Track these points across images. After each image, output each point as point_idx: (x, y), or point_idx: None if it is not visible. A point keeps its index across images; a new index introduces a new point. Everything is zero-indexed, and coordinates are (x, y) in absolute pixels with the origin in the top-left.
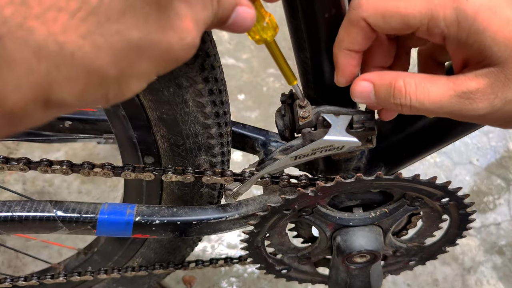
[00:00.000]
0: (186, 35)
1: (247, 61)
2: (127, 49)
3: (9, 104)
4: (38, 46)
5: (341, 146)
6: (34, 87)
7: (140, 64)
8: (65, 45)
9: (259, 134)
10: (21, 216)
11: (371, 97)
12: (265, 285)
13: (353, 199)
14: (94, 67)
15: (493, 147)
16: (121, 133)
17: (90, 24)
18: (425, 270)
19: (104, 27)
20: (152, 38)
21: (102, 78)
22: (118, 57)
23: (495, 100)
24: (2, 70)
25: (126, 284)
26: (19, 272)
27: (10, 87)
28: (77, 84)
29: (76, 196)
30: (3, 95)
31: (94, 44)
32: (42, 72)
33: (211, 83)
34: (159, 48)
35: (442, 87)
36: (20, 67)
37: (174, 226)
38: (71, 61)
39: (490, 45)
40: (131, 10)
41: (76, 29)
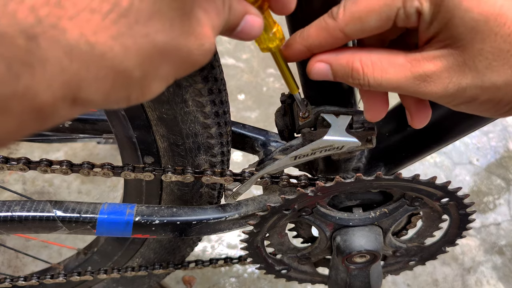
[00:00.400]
0: (205, 41)
1: (247, 61)
2: (153, 52)
3: (39, 101)
4: (70, 46)
5: (341, 146)
6: (64, 85)
7: (163, 67)
8: (96, 46)
9: (259, 134)
10: (21, 216)
11: (329, 76)
12: (265, 285)
13: (352, 199)
14: (121, 68)
15: (493, 147)
16: (121, 133)
17: (120, 26)
18: (425, 270)
19: (133, 30)
20: (175, 42)
21: (128, 79)
22: (144, 60)
23: (449, 85)
24: (36, 68)
25: (126, 284)
26: (19, 272)
27: (42, 85)
28: (104, 84)
29: (76, 196)
30: (35, 92)
31: (123, 46)
32: (73, 71)
33: (210, 83)
34: (181, 52)
35: (399, 68)
36: (52, 65)
37: (174, 226)
38: (101, 61)
39: (457, 25)
40: (158, 14)
41: (107, 30)
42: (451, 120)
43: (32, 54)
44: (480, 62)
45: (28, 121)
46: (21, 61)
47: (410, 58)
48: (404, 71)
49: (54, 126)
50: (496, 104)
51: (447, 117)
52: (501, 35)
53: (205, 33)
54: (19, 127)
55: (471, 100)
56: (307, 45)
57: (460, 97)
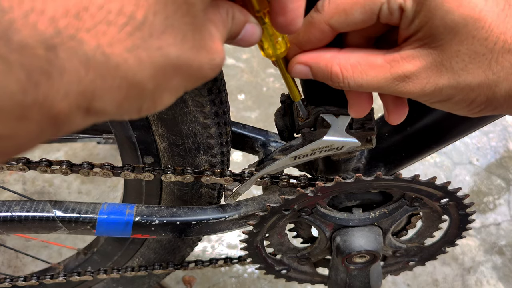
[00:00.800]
0: (216, 56)
1: (247, 61)
2: (166, 65)
3: (55, 110)
4: (87, 56)
5: (341, 147)
6: (80, 94)
7: (174, 80)
8: (111, 57)
9: (258, 134)
10: (21, 216)
11: (309, 76)
12: (264, 285)
13: (352, 199)
14: (135, 80)
15: (493, 147)
16: (121, 133)
17: (135, 38)
18: (425, 270)
19: (148, 43)
20: (187, 56)
21: (141, 90)
22: (157, 72)
23: (427, 85)
24: (54, 78)
25: (126, 284)
26: (19, 272)
27: (59, 94)
28: (118, 95)
29: (76, 196)
30: (51, 101)
31: (137, 58)
32: (88, 81)
33: (210, 83)
34: (192, 66)
35: (379, 69)
36: (70, 75)
37: (174, 226)
38: (116, 73)
39: (437, 25)
40: (171, 28)
41: (123, 42)
42: (451, 121)
43: (50, 64)
44: (457, 64)
45: (46, 128)
46: (41, 70)
47: (389, 59)
48: (384, 72)
49: (68, 134)
50: (469, 104)
51: (447, 117)
52: (478, 38)
53: (216, 48)
54: (38, 134)
55: (446, 99)
56: (297, 42)
57: (436, 96)
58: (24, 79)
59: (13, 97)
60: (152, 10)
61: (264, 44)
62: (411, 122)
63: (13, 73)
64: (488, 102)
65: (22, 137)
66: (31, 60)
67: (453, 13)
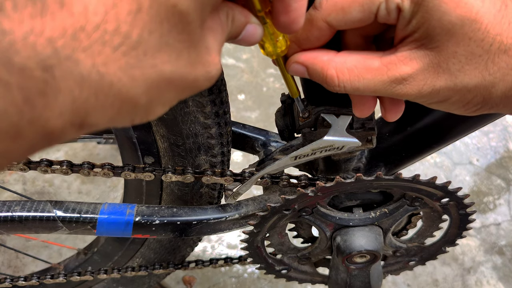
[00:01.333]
0: (212, 68)
1: (247, 61)
2: (159, 81)
3: (49, 128)
4: (82, 76)
5: (341, 146)
6: (74, 112)
7: (168, 94)
8: (105, 76)
9: (259, 134)
10: (21, 216)
11: (305, 76)
12: (265, 285)
13: (353, 199)
14: (128, 97)
15: (493, 147)
16: (121, 133)
17: (130, 58)
18: (425, 270)
19: (142, 61)
20: (182, 71)
21: (134, 105)
22: (151, 88)
23: (424, 86)
24: (49, 98)
25: (126, 284)
26: (19, 272)
27: (54, 113)
28: (111, 111)
29: (76, 196)
30: (46, 120)
31: (131, 76)
32: (82, 100)
33: None
34: (187, 80)
35: (376, 72)
36: (64, 95)
37: (174, 226)
38: (109, 91)
39: (434, 26)
40: (166, 46)
41: (117, 62)
42: (451, 121)
43: (47, 85)
44: (454, 65)
45: (38, 144)
46: (37, 91)
47: (386, 61)
48: (381, 75)
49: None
50: (465, 105)
51: (447, 117)
52: (474, 39)
53: (212, 61)
54: (30, 149)
55: (443, 100)
56: (295, 40)
57: (433, 97)
58: (21, 100)
59: (9, 119)
60: (147, 28)
61: (265, 43)
62: (411, 122)
63: (11, 95)
64: (484, 102)
65: (15, 153)
66: (29, 82)
67: (450, 14)
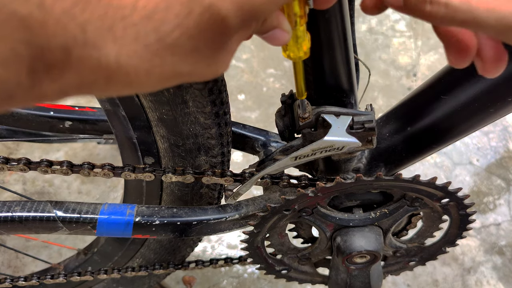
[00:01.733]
0: (223, 68)
1: (247, 61)
2: (172, 76)
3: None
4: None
5: (341, 147)
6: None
7: (172, 83)
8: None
9: (259, 134)
10: (21, 216)
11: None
12: (265, 285)
13: (353, 199)
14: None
15: (493, 148)
16: (121, 133)
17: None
18: (425, 270)
19: (166, 61)
20: (197, 71)
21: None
22: (161, 81)
23: None
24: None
25: (126, 285)
26: (19, 272)
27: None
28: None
29: (76, 196)
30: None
31: (149, 72)
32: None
33: (211, 84)
34: (195, 75)
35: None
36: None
37: (174, 227)
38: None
39: None
40: (196, 51)
41: (142, 57)
42: (451, 121)
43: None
44: None
45: (26, 104)
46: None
47: None
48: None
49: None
50: None
51: (447, 117)
52: None
53: (226, 61)
54: (16, 107)
55: None
56: None
57: None
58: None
59: (7, 86)
60: (188, 34)
61: (289, 45)
62: (411, 122)
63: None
64: None
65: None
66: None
67: None
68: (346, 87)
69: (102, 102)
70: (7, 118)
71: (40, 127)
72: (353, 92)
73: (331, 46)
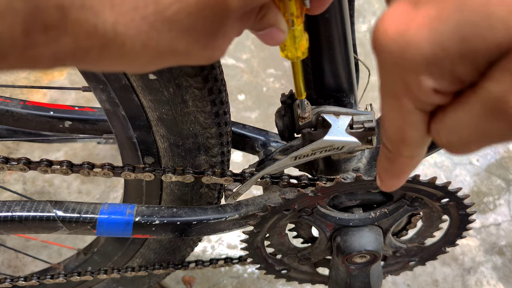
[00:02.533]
0: (219, 53)
1: (247, 61)
2: (167, 53)
3: (39, 63)
4: (95, 28)
5: (341, 147)
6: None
7: (167, 62)
8: (119, 36)
9: (259, 134)
10: (21, 216)
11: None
12: (264, 285)
13: (353, 199)
14: (131, 59)
15: (493, 148)
16: (121, 133)
17: (153, 29)
18: (425, 270)
19: (163, 35)
20: (191, 50)
21: (131, 65)
22: (156, 57)
23: None
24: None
25: (126, 284)
26: (19, 272)
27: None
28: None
29: (76, 196)
30: (38, 56)
31: (144, 45)
32: (84, 49)
33: (210, 83)
34: (190, 56)
35: None
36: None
37: (174, 227)
38: (116, 49)
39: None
40: (193, 30)
41: (139, 28)
42: None
43: (54, 24)
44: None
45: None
46: (41, 28)
47: None
48: None
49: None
50: None
51: None
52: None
53: (222, 46)
54: (6, 70)
55: None
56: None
57: None
58: (21, 31)
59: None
60: (187, 10)
61: (286, 45)
62: None
63: (13, 22)
64: None
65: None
66: (38, 16)
67: None
68: (346, 87)
69: (102, 102)
70: (7, 118)
71: (40, 127)
72: (353, 92)
73: (331, 46)
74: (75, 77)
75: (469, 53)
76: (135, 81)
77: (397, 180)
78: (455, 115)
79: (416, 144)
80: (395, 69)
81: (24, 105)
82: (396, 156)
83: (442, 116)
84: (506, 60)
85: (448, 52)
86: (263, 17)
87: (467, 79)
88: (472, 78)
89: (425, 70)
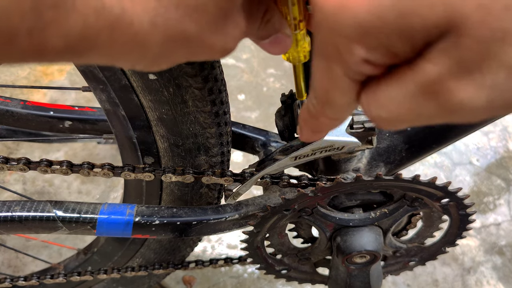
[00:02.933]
0: (231, 43)
1: (247, 61)
2: (178, 36)
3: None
4: (103, 5)
5: (341, 147)
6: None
7: (180, 51)
8: (127, 13)
9: (259, 134)
10: (21, 216)
11: None
12: (264, 285)
13: (353, 199)
14: (142, 42)
15: (493, 148)
16: (121, 133)
17: (160, 5)
18: (425, 270)
19: (171, 13)
20: (203, 35)
21: (144, 52)
22: (167, 41)
23: None
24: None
25: (126, 284)
26: (19, 272)
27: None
28: (118, 50)
29: (76, 196)
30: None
31: (153, 23)
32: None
33: (211, 83)
34: (203, 44)
35: None
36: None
37: (174, 227)
38: (125, 29)
39: None
40: (202, 8)
41: (146, 4)
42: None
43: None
44: None
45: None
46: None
47: None
48: None
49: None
50: None
51: None
52: None
53: (234, 35)
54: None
55: None
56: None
57: None
58: (29, 6)
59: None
60: None
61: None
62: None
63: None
64: None
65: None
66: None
67: None
68: None
69: (102, 102)
70: (7, 118)
71: (40, 127)
72: None
73: None
74: (75, 77)
75: (406, 30)
76: (135, 81)
77: (315, 134)
78: (388, 90)
79: (341, 108)
80: (328, 33)
81: (24, 105)
82: (319, 114)
83: (375, 88)
84: (443, 41)
85: (385, 25)
86: (268, 22)
87: (402, 56)
88: (407, 55)
89: (359, 39)
